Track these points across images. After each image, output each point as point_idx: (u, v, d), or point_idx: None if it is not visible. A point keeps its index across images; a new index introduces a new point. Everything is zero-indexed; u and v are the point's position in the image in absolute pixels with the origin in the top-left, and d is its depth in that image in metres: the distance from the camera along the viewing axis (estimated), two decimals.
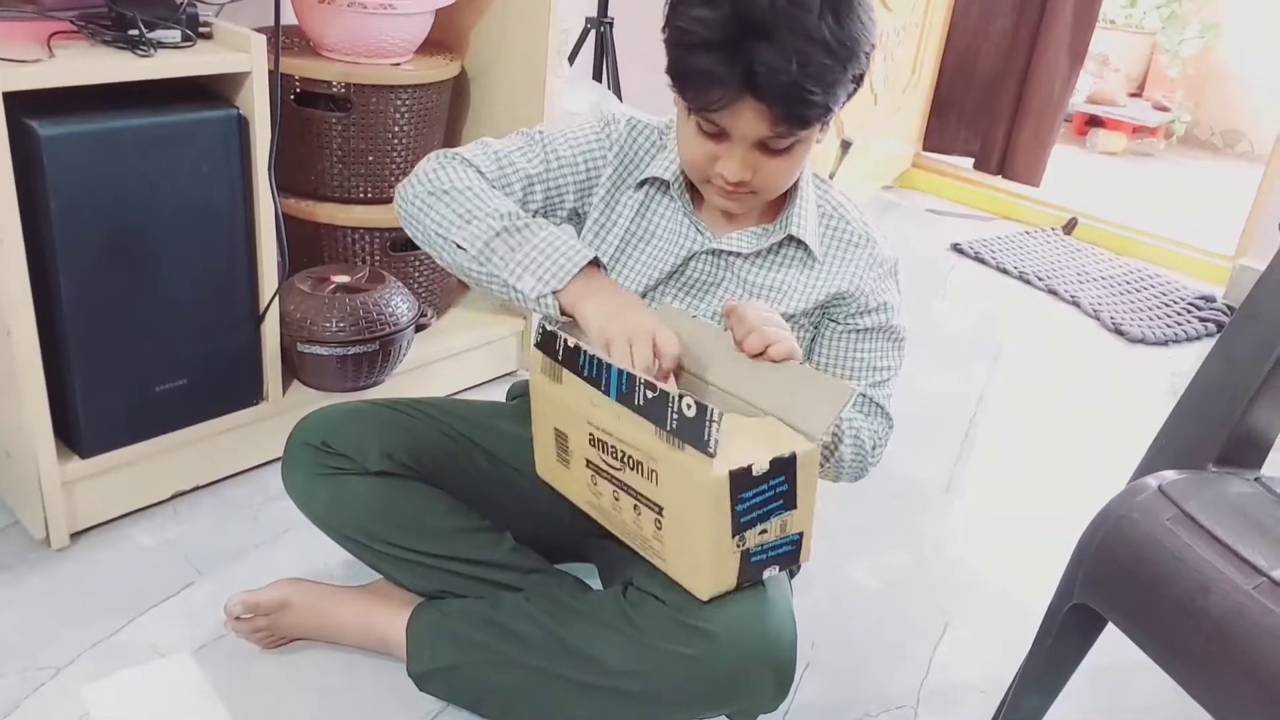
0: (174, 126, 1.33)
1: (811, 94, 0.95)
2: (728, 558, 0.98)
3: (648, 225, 1.18)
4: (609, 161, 1.18)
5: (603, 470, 1.04)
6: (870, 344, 1.18)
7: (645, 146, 1.19)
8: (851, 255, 1.17)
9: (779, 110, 0.96)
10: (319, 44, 1.70)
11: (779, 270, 1.16)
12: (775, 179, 1.07)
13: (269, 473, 1.62)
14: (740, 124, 1.00)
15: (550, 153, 1.16)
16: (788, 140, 1.02)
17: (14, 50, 1.20)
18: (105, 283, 1.34)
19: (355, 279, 1.67)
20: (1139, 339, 2.61)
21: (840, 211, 1.18)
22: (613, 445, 1.01)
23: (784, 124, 0.98)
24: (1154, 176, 4.29)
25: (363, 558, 1.25)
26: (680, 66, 0.99)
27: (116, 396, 1.41)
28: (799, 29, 0.93)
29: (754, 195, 1.08)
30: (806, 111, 0.97)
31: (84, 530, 1.45)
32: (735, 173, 1.03)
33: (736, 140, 1.01)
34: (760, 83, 0.94)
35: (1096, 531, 1.06)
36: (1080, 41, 3.36)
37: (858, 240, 1.17)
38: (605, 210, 1.19)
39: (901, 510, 1.78)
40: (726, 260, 1.16)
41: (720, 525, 0.94)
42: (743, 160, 1.03)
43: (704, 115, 1.01)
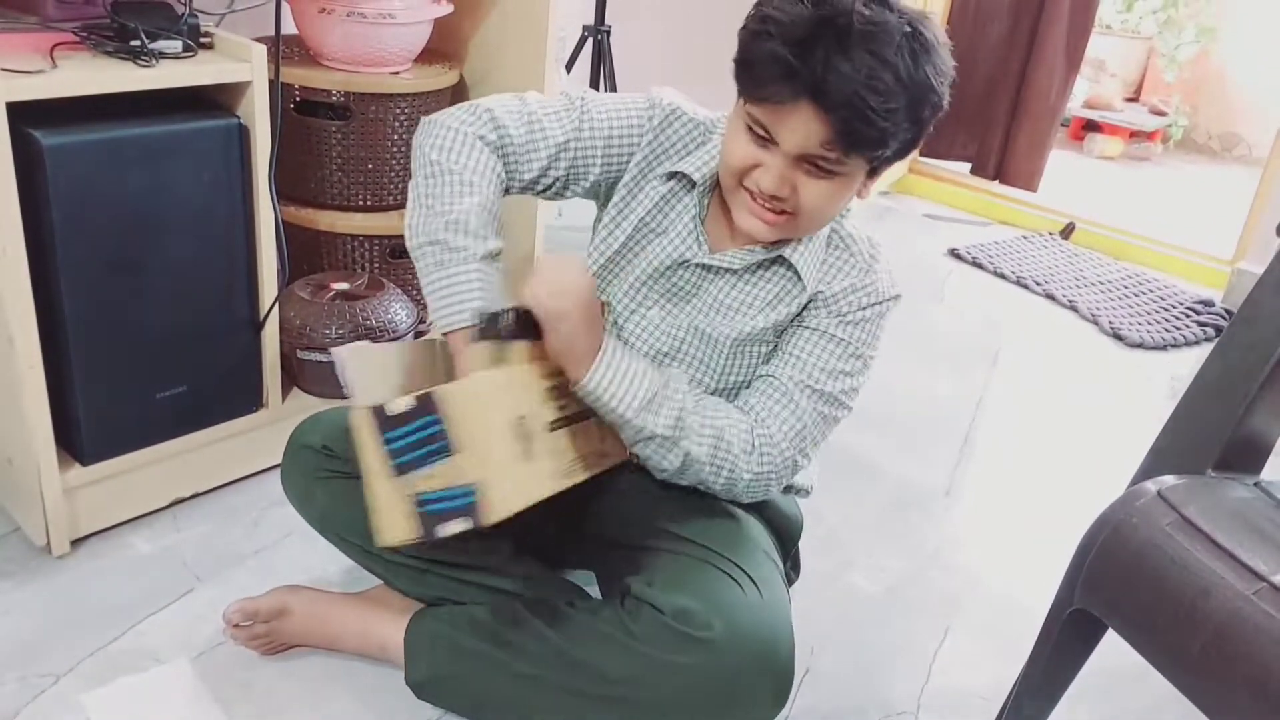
0: (175, 136, 1.34)
1: (872, 112, 0.93)
2: (395, 501, 0.99)
3: (662, 220, 1.16)
4: (642, 145, 1.16)
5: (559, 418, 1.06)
6: (825, 346, 1.13)
7: (683, 137, 1.16)
8: (844, 277, 1.14)
9: (835, 120, 0.95)
10: (319, 53, 1.71)
11: (759, 286, 1.14)
12: (814, 205, 1.03)
13: (268, 479, 1.62)
14: (791, 130, 0.98)
15: (585, 121, 1.14)
16: (833, 163, 0.99)
17: (17, 61, 1.21)
18: (107, 290, 1.34)
19: (354, 286, 1.67)
20: (1137, 343, 2.61)
21: (849, 244, 1.15)
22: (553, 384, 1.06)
23: (836, 138, 0.96)
24: (1151, 181, 4.30)
25: (360, 562, 1.25)
26: (751, 53, 0.98)
27: (118, 404, 1.41)
28: (876, 50, 0.93)
29: (789, 220, 1.05)
30: (862, 129, 0.95)
31: (84, 537, 1.45)
32: (772, 184, 1.01)
33: (783, 150, 1.00)
34: (827, 88, 0.93)
35: (1095, 537, 1.06)
36: (1076, 46, 3.37)
37: (856, 267, 1.14)
38: (628, 195, 1.17)
39: (901, 514, 1.79)
40: (715, 274, 1.15)
41: (373, 460, 0.99)
42: (781, 174, 1.01)
43: (761, 107, 0.98)
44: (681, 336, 1.17)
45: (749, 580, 1.10)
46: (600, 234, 1.19)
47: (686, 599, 1.05)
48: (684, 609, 1.04)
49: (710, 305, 1.16)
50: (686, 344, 1.17)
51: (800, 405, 1.12)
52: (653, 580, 1.09)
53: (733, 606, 1.05)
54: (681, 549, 1.14)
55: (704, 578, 1.09)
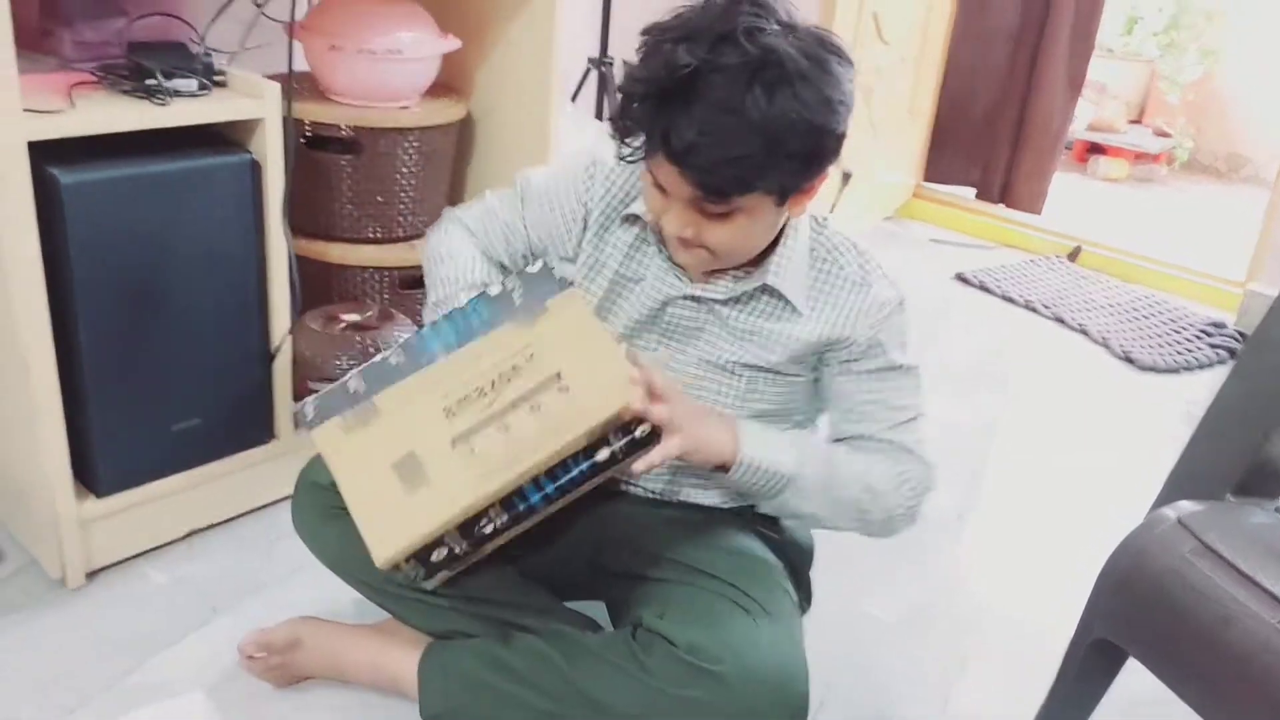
0: (190, 172, 1.35)
1: (717, 164, 0.94)
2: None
3: (637, 268, 1.17)
4: (594, 203, 1.18)
5: (480, 421, 1.02)
6: (878, 384, 1.14)
7: (634, 182, 1.17)
8: (843, 301, 1.13)
9: (689, 174, 0.96)
10: (329, 89, 1.73)
11: (760, 319, 1.14)
12: (723, 244, 1.04)
13: (281, 510, 1.62)
14: (667, 181, 1.00)
15: (530, 201, 1.22)
16: (719, 206, 1.00)
17: (37, 100, 1.22)
18: (123, 324, 1.35)
19: (365, 317, 1.68)
20: (1149, 367, 2.60)
21: (834, 255, 1.14)
22: (474, 389, 1.03)
23: (698, 189, 0.97)
24: (1158, 202, 4.30)
25: (373, 598, 1.24)
26: (616, 113, 1.02)
27: (133, 436, 1.42)
28: (714, 98, 0.93)
29: (710, 255, 1.06)
30: (712, 179, 0.96)
31: (100, 569, 1.45)
32: (674, 226, 1.03)
33: (673, 196, 1.02)
34: (670, 146, 0.95)
35: (1116, 565, 1.06)
36: (1078, 70, 3.39)
37: (851, 285, 1.13)
38: (595, 249, 1.19)
39: (914, 543, 1.76)
40: (708, 306, 1.15)
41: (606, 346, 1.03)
42: (681, 217, 1.02)
43: (647, 164, 1.02)
44: (693, 371, 1.16)
45: (761, 611, 1.09)
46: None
47: (698, 632, 1.05)
48: (696, 642, 1.03)
49: (714, 336, 1.16)
50: (702, 378, 1.16)
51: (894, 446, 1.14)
52: (664, 612, 1.09)
53: (745, 639, 1.05)
54: (693, 580, 1.13)
55: (716, 610, 1.09)
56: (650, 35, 0.99)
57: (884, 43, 2.97)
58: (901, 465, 1.13)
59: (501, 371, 1.02)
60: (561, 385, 1.01)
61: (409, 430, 1.03)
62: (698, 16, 0.97)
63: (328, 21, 1.67)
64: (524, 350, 1.02)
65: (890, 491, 1.12)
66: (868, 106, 3.03)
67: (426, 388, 1.04)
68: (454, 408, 1.02)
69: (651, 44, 0.98)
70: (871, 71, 2.97)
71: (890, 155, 3.33)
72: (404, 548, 1.01)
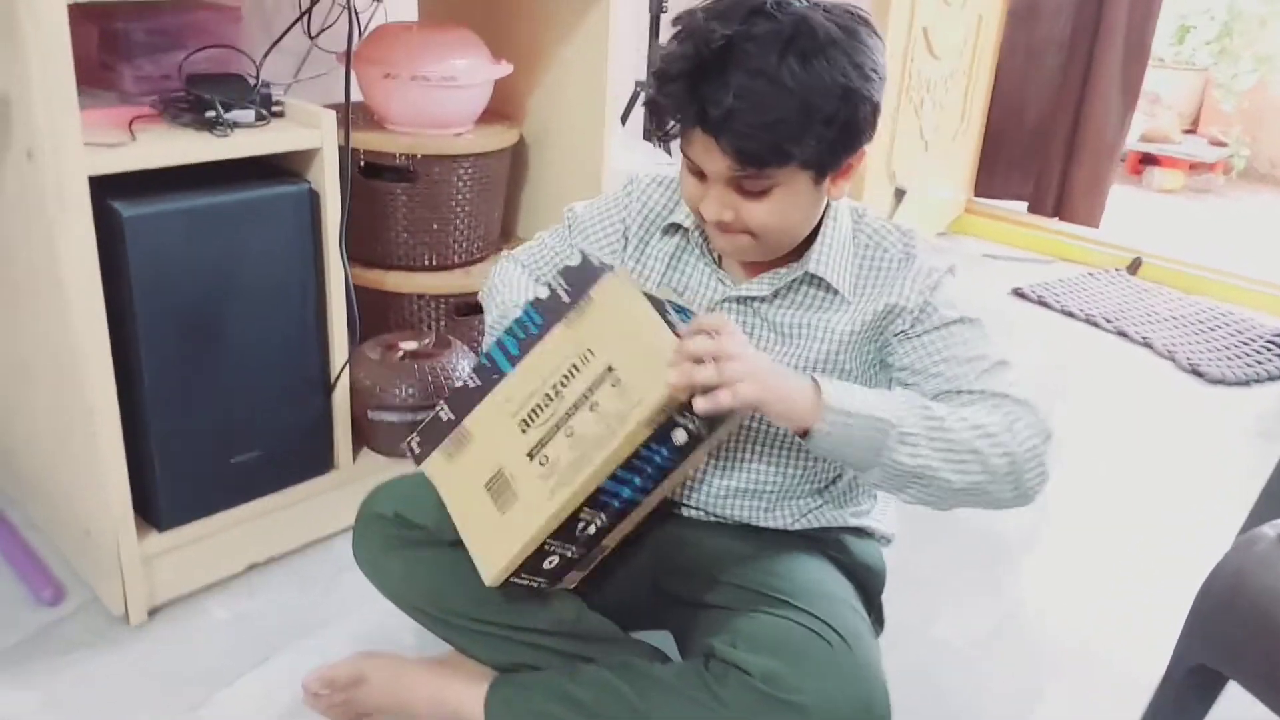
0: (249, 203, 1.35)
1: (753, 129, 0.94)
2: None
3: (679, 278, 1.17)
4: (632, 219, 1.19)
5: (549, 429, 1.00)
6: (942, 342, 1.08)
7: (669, 195, 1.19)
8: (890, 278, 1.10)
9: (726, 144, 0.96)
10: (383, 117, 1.73)
11: (805, 311, 1.12)
12: (763, 223, 1.03)
13: (341, 542, 1.61)
14: (704, 159, 1.00)
15: (576, 229, 1.23)
16: (757, 182, 0.99)
17: (98, 135, 1.23)
18: (183, 357, 1.35)
19: (422, 345, 1.67)
20: (1219, 379, 2.52)
21: (878, 239, 1.12)
22: (542, 397, 1.01)
23: (736, 159, 0.97)
24: (1215, 212, 4.20)
25: (436, 631, 1.22)
26: (649, 99, 1.03)
27: (194, 469, 1.42)
28: (749, 66, 0.93)
29: (751, 240, 1.05)
30: (750, 146, 0.95)
31: (161, 605, 1.45)
32: (712, 211, 1.03)
33: (711, 177, 1.01)
34: (707, 116, 0.95)
35: (1213, 587, 1.01)
36: (1133, 78, 3.32)
37: (896, 262, 1.10)
38: (638, 263, 1.19)
39: (983, 563, 1.73)
40: (752, 306, 1.13)
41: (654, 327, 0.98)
42: (719, 199, 1.02)
43: (682, 143, 1.02)
44: None
45: (837, 636, 1.05)
46: None
47: (774, 660, 1.01)
48: (772, 671, 0.99)
49: (761, 340, 1.13)
50: None
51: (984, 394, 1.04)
52: (736, 641, 1.05)
53: (823, 666, 1.01)
54: (763, 606, 1.10)
55: (791, 636, 1.05)
56: (683, 19, 1.00)
57: (934, 57, 2.93)
58: (1003, 409, 1.02)
59: (562, 374, 1.01)
60: (613, 378, 0.98)
61: (494, 449, 1.03)
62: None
63: (381, 50, 1.68)
64: (580, 347, 1.00)
65: (1003, 432, 1.00)
66: (919, 120, 2.99)
67: (501, 404, 1.04)
68: (528, 419, 1.02)
69: (684, 25, 1.00)
70: (922, 86, 2.93)
71: (941, 170, 3.29)
72: (504, 566, 1.00)
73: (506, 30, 1.84)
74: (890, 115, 2.80)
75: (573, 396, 0.99)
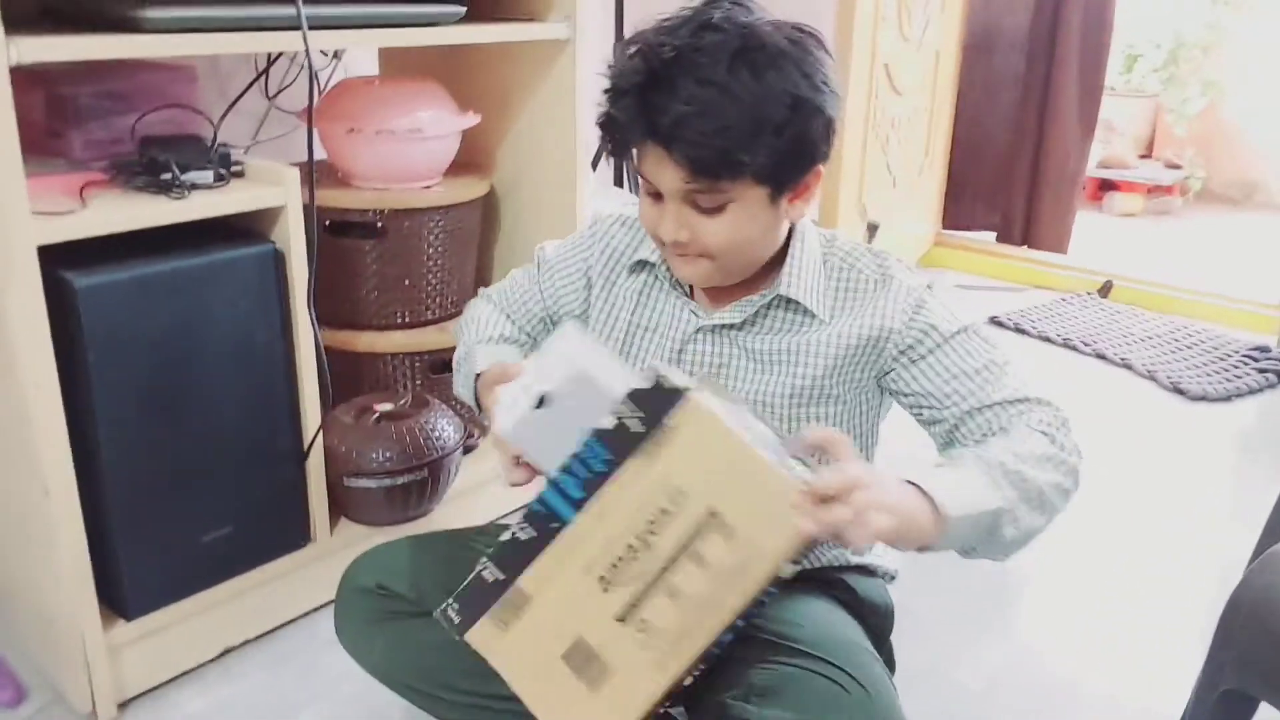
0: (210, 267, 1.30)
1: (705, 136, 0.93)
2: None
3: (649, 315, 1.15)
4: (595, 260, 1.18)
5: (642, 587, 0.88)
6: (951, 356, 1.06)
7: (633, 234, 1.18)
8: (867, 300, 1.08)
9: (677, 154, 0.95)
10: (348, 173, 1.69)
11: (782, 335, 1.09)
12: (719, 242, 1.01)
13: (320, 619, 1.54)
14: (657, 174, 0.99)
15: (544, 270, 1.24)
16: (712, 197, 0.98)
17: (47, 203, 1.18)
18: (146, 433, 1.28)
19: (398, 405, 1.61)
20: (1200, 396, 2.51)
21: (850, 261, 1.10)
22: (623, 548, 0.87)
23: (688, 171, 0.96)
24: (1177, 233, 4.25)
25: (426, 708, 1.15)
26: (602, 116, 1.01)
27: (161, 551, 1.34)
28: (698, 75, 0.93)
29: (710, 263, 1.03)
30: (701, 155, 0.94)
31: (131, 699, 1.36)
32: (669, 231, 1.01)
33: (667, 196, 1.00)
34: (657, 125, 0.95)
35: (1239, 608, 0.97)
36: (1089, 107, 3.37)
37: (872, 283, 1.08)
38: (605, 303, 1.17)
39: (992, 600, 1.67)
40: (728, 335, 1.10)
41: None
42: (675, 217, 1.00)
43: (637, 162, 1.01)
44: None
45: (856, 684, 0.99)
46: None
47: (792, 714, 0.95)
48: None
49: (740, 370, 1.10)
50: None
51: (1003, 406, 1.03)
52: (750, 695, 0.99)
53: (844, 717, 0.95)
54: (775, 655, 1.04)
55: (805, 686, 0.99)
56: (633, 38, 1.00)
57: (897, 94, 2.95)
58: (1036, 416, 1.02)
59: (647, 519, 0.86)
60: (720, 525, 0.85)
61: (567, 612, 0.89)
62: (676, 15, 0.99)
63: (344, 105, 1.64)
64: (663, 487, 0.86)
65: (1059, 451, 1.00)
66: (885, 156, 3.00)
67: (569, 557, 0.88)
68: (608, 575, 0.87)
69: (634, 42, 0.99)
70: (887, 123, 2.95)
71: (910, 205, 3.30)
72: None
73: (471, 82, 1.81)
74: (859, 151, 2.80)
75: (668, 547, 0.86)
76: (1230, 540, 1.86)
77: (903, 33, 2.90)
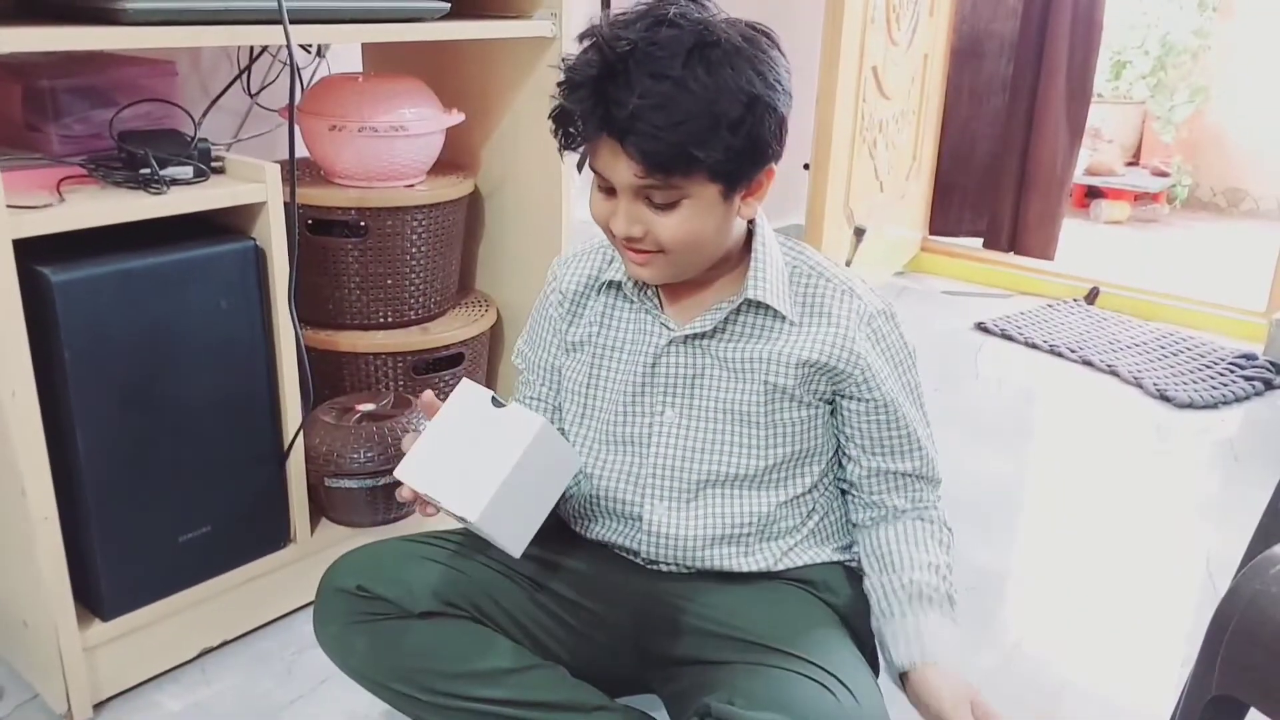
0: (190, 263, 1.28)
1: (659, 129, 0.93)
2: None
3: (614, 336, 1.14)
4: (555, 312, 1.19)
5: None
6: (879, 415, 1.12)
7: (596, 261, 1.17)
8: (832, 307, 1.09)
9: (631, 147, 0.95)
10: (331, 171, 1.67)
11: (753, 341, 1.10)
12: (673, 237, 1.01)
13: (300, 620, 1.52)
14: (610, 168, 0.99)
15: (529, 369, 1.24)
16: (665, 193, 0.98)
17: (23, 197, 1.16)
18: (123, 431, 1.27)
19: (380, 406, 1.60)
20: (1187, 403, 2.52)
21: (818, 269, 1.11)
22: None
23: (642, 165, 0.96)
24: (1163, 241, 4.27)
25: (406, 710, 1.14)
26: (555, 109, 1.01)
27: (138, 551, 1.32)
28: (654, 70, 0.94)
29: (662, 256, 1.03)
30: (656, 149, 0.94)
31: (108, 699, 1.34)
32: (621, 226, 1.01)
33: (620, 191, 1.00)
34: (611, 118, 0.95)
35: (1229, 613, 0.96)
36: (1077, 114, 3.38)
37: (838, 292, 1.10)
38: (573, 331, 1.18)
39: (977, 604, 1.67)
40: (700, 345, 1.10)
41: None
42: (627, 213, 1.01)
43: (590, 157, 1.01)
44: (709, 424, 1.10)
45: (842, 686, 0.99)
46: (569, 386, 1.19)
47: (775, 715, 0.94)
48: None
49: (715, 379, 1.10)
50: (719, 430, 1.10)
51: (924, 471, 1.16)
52: (734, 698, 0.98)
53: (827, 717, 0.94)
54: (757, 656, 1.03)
55: (790, 688, 0.98)
56: (589, 31, 1.00)
57: (885, 97, 2.95)
58: (928, 513, 1.17)
59: None
60: None
61: None
62: (631, 10, 0.99)
63: (326, 102, 1.63)
64: None
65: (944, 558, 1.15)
66: (873, 161, 2.99)
67: None
68: None
69: (590, 35, 0.99)
70: (875, 127, 2.94)
71: (897, 210, 3.30)
72: None
73: (456, 79, 1.80)
74: (846, 155, 2.79)
75: None
76: (1218, 547, 1.86)
77: (891, 36, 2.90)
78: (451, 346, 1.76)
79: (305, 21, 1.34)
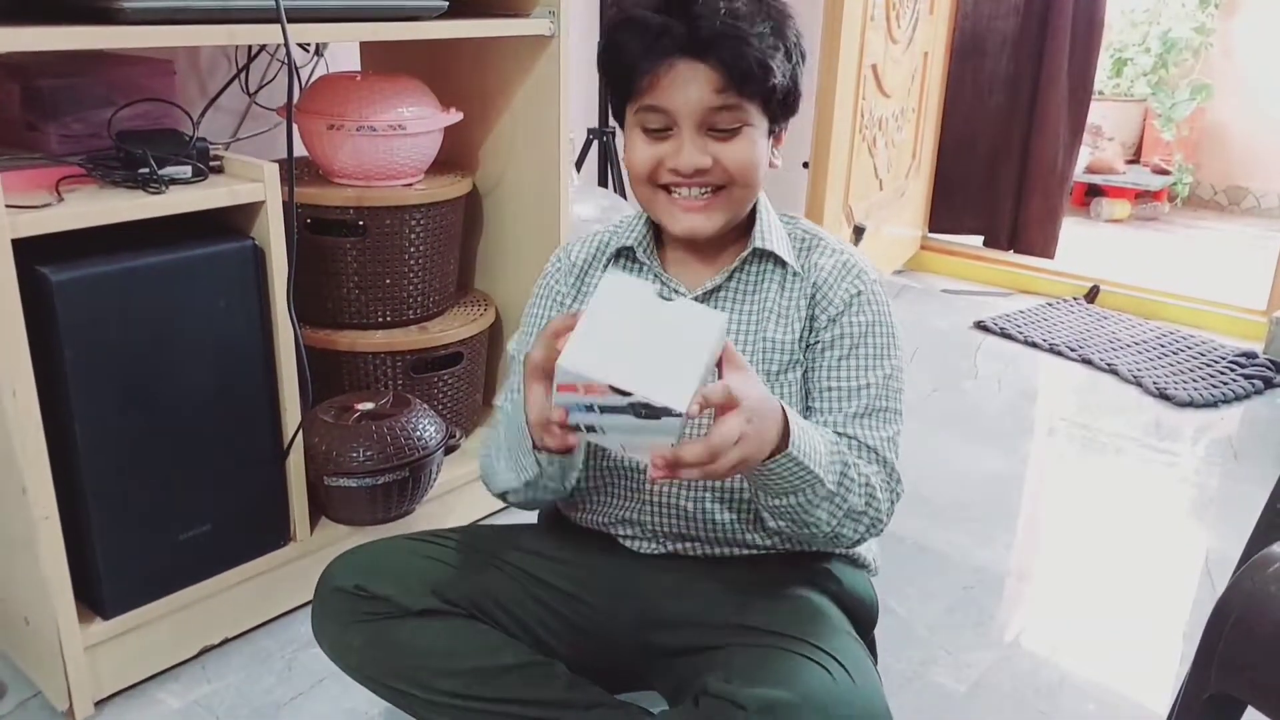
0: (189, 262, 1.29)
1: (742, 39, 0.98)
2: None
3: None
4: (574, 267, 1.19)
5: None
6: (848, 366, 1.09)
7: (597, 241, 1.19)
8: (826, 262, 1.12)
9: (715, 61, 0.98)
10: (329, 170, 1.68)
11: (764, 292, 1.12)
12: (738, 163, 1.04)
13: (300, 618, 1.52)
14: (683, 93, 1.00)
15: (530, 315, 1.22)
16: (732, 115, 1.01)
17: (22, 197, 1.16)
18: (124, 430, 1.27)
19: (379, 405, 1.60)
20: (1187, 402, 2.51)
21: (815, 234, 1.16)
22: None
23: (724, 78, 0.99)
24: (1164, 239, 4.27)
25: (405, 708, 1.14)
26: (618, 46, 1.02)
27: (139, 549, 1.33)
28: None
29: (723, 195, 1.05)
30: (741, 61, 0.98)
31: (109, 697, 1.35)
32: (690, 159, 1.02)
33: (684, 121, 1.02)
34: (697, 32, 0.98)
35: (1228, 611, 0.96)
36: (1078, 112, 3.38)
37: (832, 251, 1.13)
38: (580, 303, 1.17)
39: (975, 603, 1.67)
40: (714, 302, 1.12)
41: None
42: (694, 144, 1.02)
43: (648, 93, 1.01)
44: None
45: (836, 664, 0.98)
46: None
47: (771, 691, 0.94)
48: (769, 703, 0.92)
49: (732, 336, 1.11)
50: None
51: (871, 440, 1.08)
52: (730, 675, 0.98)
53: (824, 695, 0.94)
54: (755, 639, 1.03)
55: (787, 666, 0.98)
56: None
57: (884, 95, 2.95)
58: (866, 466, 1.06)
59: None
60: None
61: None
62: None
63: (324, 101, 1.63)
64: None
65: (882, 503, 1.06)
66: (873, 159, 2.99)
67: None
68: None
69: None
70: (874, 124, 2.94)
71: (896, 208, 3.30)
72: None
73: (455, 79, 1.80)
74: (846, 153, 2.79)
75: None
76: (1217, 545, 1.86)
77: (891, 33, 2.90)
78: (450, 346, 1.77)
79: (303, 20, 1.34)
